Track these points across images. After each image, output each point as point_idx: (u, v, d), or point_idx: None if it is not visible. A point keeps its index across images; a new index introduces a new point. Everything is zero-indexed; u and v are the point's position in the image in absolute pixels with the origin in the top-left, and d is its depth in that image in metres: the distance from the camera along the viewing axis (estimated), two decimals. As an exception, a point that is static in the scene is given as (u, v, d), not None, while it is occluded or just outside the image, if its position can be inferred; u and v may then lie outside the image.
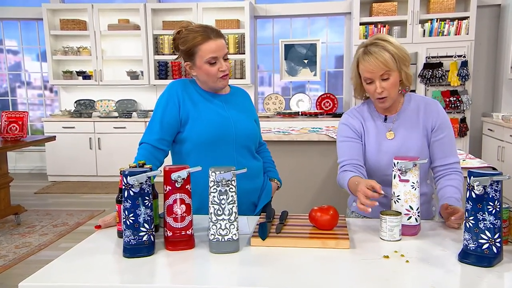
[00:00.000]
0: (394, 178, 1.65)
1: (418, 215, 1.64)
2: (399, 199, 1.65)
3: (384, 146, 1.93)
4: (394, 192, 1.66)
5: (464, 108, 5.86)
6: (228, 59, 1.96)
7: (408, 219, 1.63)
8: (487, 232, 1.35)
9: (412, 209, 1.63)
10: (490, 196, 1.33)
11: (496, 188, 1.32)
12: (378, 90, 1.82)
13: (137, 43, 6.60)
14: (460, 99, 5.83)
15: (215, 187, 1.46)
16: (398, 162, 1.62)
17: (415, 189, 1.63)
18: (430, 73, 5.84)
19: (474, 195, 1.35)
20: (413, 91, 5.96)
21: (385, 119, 1.96)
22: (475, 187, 1.32)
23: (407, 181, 1.62)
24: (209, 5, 6.41)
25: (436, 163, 1.94)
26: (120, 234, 1.65)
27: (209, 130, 1.93)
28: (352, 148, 1.96)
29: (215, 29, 1.93)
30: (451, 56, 5.85)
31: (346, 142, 1.98)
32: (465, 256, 1.38)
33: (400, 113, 1.96)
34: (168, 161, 1.93)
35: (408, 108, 1.96)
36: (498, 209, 1.33)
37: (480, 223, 1.35)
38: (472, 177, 1.33)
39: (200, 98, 1.99)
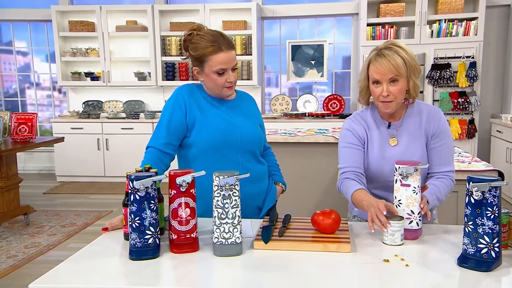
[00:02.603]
0: (396, 182, 1.68)
1: (419, 219, 1.66)
2: (400, 203, 1.67)
3: (388, 152, 1.94)
4: (395, 197, 1.68)
5: (473, 110, 5.83)
6: (236, 69, 1.97)
7: (409, 223, 1.65)
8: (485, 237, 1.37)
9: (414, 213, 1.65)
10: (489, 201, 1.35)
11: (495, 194, 1.34)
12: (384, 93, 1.84)
13: (145, 44, 6.64)
14: (468, 100, 5.81)
15: (218, 191, 1.49)
16: (399, 167, 1.64)
17: (417, 193, 1.65)
18: (438, 74, 5.83)
19: (473, 201, 1.37)
20: (421, 92, 5.95)
21: (389, 126, 1.97)
22: (474, 193, 1.34)
23: (408, 185, 1.64)
24: (216, 6, 6.44)
25: (431, 170, 1.95)
26: (126, 236, 1.68)
27: (215, 136, 1.95)
28: (355, 155, 1.96)
29: (227, 40, 1.92)
30: (459, 57, 5.83)
31: (349, 148, 1.98)
32: (464, 261, 1.40)
33: (404, 119, 1.96)
34: (174, 165, 1.96)
35: (412, 115, 1.97)
36: (496, 214, 1.35)
37: (479, 228, 1.37)
38: (471, 182, 1.36)
39: (207, 103, 2.01)
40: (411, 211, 1.65)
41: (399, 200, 1.67)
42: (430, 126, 1.94)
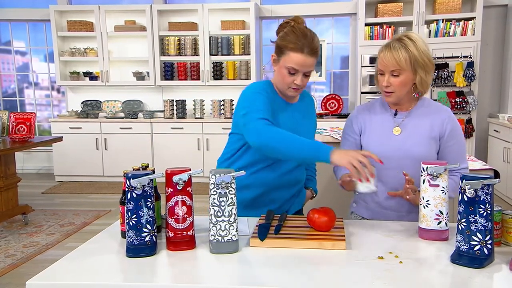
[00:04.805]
0: (423, 183, 1.63)
1: (448, 220, 1.63)
2: (428, 204, 1.63)
3: (390, 140, 1.96)
4: (423, 197, 1.64)
5: (470, 109, 5.86)
6: (309, 76, 1.91)
7: (438, 224, 1.62)
8: (478, 234, 1.38)
9: (442, 213, 1.62)
10: (481, 199, 1.37)
11: (487, 192, 1.36)
12: (384, 83, 1.88)
13: (143, 44, 6.65)
14: (466, 100, 5.83)
15: (215, 189, 1.51)
16: (428, 167, 1.61)
17: (445, 193, 1.62)
18: (435, 73, 5.85)
19: (466, 198, 1.39)
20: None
21: (395, 114, 1.99)
22: (467, 190, 1.36)
23: (437, 186, 1.61)
24: (215, 6, 6.45)
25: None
26: (123, 234, 1.69)
27: None
28: (350, 146, 2.05)
29: (313, 45, 1.85)
30: (457, 57, 5.85)
31: (346, 139, 2.09)
32: (457, 257, 1.41)
33: (412, 112, 1.98)
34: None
35: (421, 109, 1.98)
36: (489, 211, 1.37)
37: (471, 225, 1.39)
38: (463, 180, 1.37)
39: (276, 104, 1.94)
40: (440, 211, 1.62)
41: (427, 201, 1.63)
42: (439, 125, 1.94)
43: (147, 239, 1.53)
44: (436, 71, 5.85)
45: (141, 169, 1.71)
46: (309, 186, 2.19)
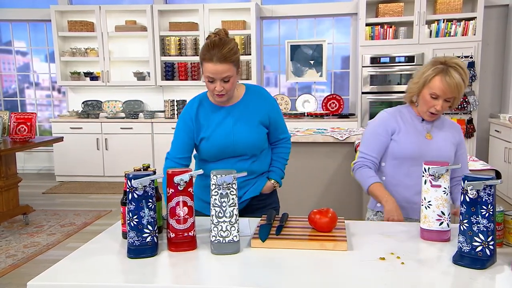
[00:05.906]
0: (425, 183, 1.63)
1: (449, 220, 1.64)
2: (430, 204, 1.63)
3: (424, 143, 2.08)
4: (424, 198, 1.64)
5: (471, 109, 5.84)
6: (228, 81, 1.99)
7: (440, 225, 1.62)
8: (480, 235, 1.38)
9: (444, 214, 1.62)
10: (484, 200, 1.36)
11: (489, 192, 1.36)
12: (438, 107, 1.99)
13: (144, 44, 6.65)
14: (467, 100, 5.82)
15: (216, 190, 1.51)
16: (430, 168, 1.61)
17: (447, 194, 1.62)
18: (436, 74, 5.83)
19: (468, 199, 1.39)
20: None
21: (422, 120, 2.13)
22: (469, 191, 1.36)
23: (439, 186, 1.61)
24: (215, 6, 6.45)
25: (453, 175, 2.13)
26: (124, 235, 1.69)
27: (212, 149, 2.10)
28: (379, 144, 2.14)
29: (222, 53, 1.95)
30: (458, 57, 5.80)
31: (377, 137, 2.15)
32: (459, 258, 1.41)
33: (436, 121, 2.14)
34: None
35: (440, 120, 2.15)
36: (491, 212, 1.36)
37: (473, 226, 1.39)
38: (466, 181, 1.37)
39: (213, 111, 2.12)
40: (442, 212, 1.62)
41: (429, 202, 1.63)
42: (457, 135, 2.14)
43: (148, 239, 1.53)
44: (437, 71, 5.83)
45: (142, 169, 1.71)
46: (271, 177, 2.23)
